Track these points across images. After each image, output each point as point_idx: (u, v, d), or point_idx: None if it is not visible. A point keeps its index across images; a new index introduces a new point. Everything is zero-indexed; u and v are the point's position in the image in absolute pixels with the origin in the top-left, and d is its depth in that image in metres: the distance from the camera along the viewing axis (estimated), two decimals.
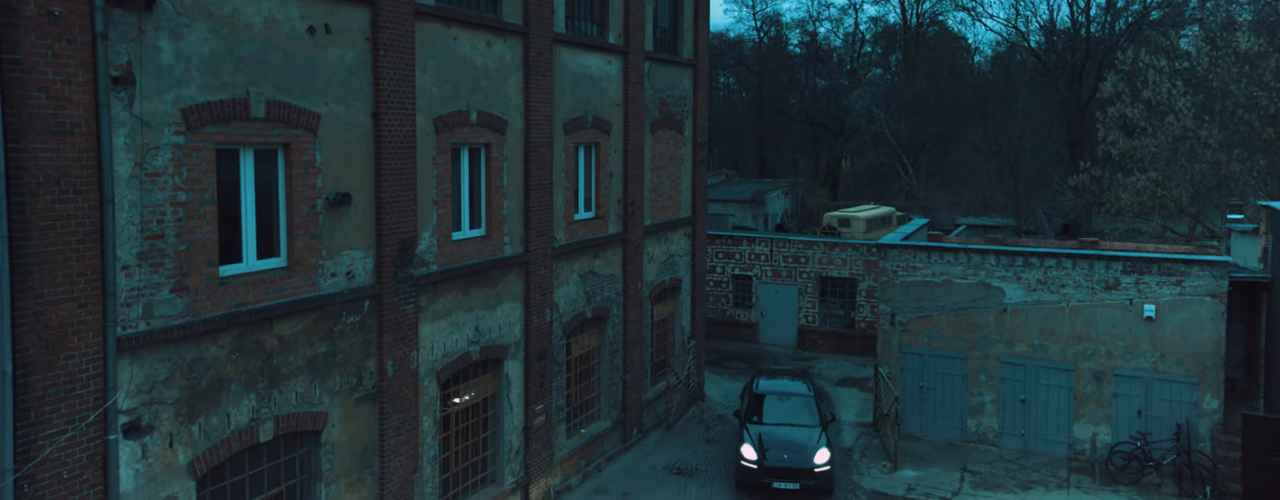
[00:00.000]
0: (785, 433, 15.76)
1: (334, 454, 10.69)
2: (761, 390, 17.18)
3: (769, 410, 16.53)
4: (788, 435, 15.67)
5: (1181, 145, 24.59)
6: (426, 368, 12.15)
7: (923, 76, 49.87)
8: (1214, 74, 24.33)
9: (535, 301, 14.33)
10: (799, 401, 16.74)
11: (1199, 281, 15.71)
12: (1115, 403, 16.53)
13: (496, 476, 14.05)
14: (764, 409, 16.56)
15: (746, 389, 18.19)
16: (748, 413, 16.58)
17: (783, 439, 15.52)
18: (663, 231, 19.02)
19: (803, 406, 16.64)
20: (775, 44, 60.85)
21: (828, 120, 55.88)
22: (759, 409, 16.58)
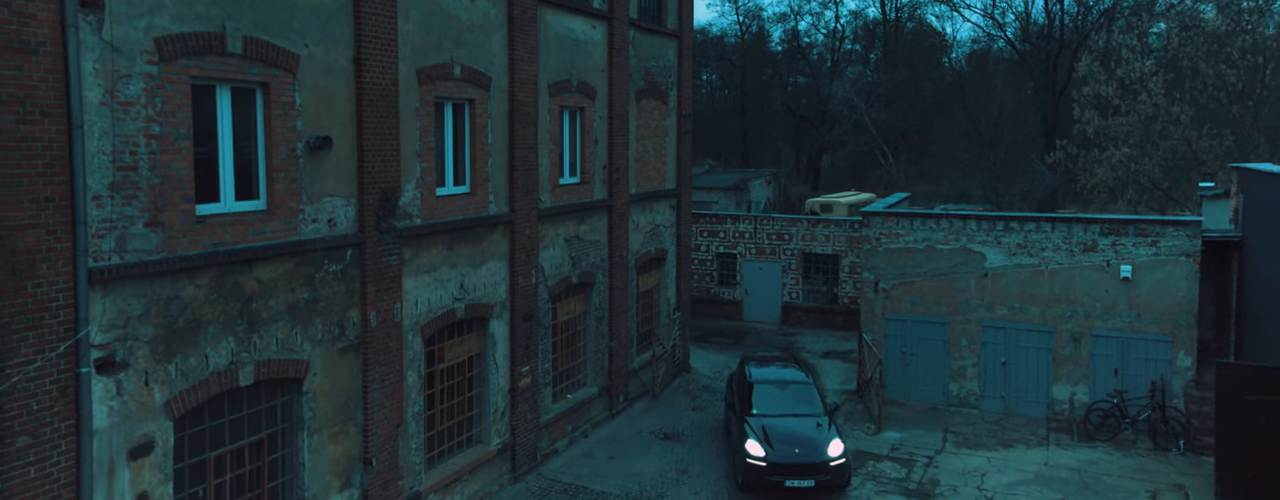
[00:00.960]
0: (790, 424, 14.03)
1: (316, 403, 10.32)
2: (755, 378, 15.28)
3: (766, 400, 14.72)
4: (794, 427, 13.96)
5: (1153, 124, 24.58)
6: (410, 322, 11.80)
7: (902, 67, 49.89)
8: (1183, 53, 24.32)
9: (520, 262, 14.00)
10: (798, 389, 15.08)
11: (1174, 241, 15.60)
12: (1093, 363, 16.40)
13: (482, 437, 13.71)
14: (761, 399, 14.75)
15: (735, 378, 16.19)
16: (742, 404, 14.78)
17: (789, 432, 13.80)
18: (648, 202, 18.73)
19: (803, 394, 14.98)
20: (758, 39, 60.72)
21: (809, 113, 55.82)
22: (754, 399, 14.75)
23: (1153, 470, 14.48)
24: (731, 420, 15.23)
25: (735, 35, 61.84)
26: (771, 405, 14.61)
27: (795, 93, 58.83)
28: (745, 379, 15.45)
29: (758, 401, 14.71)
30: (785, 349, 22.82)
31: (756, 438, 13.68)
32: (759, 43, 61.01)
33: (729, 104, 61.63)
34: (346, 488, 10.81)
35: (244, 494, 9.58)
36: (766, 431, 13.80)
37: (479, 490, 13.38)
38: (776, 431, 13.82)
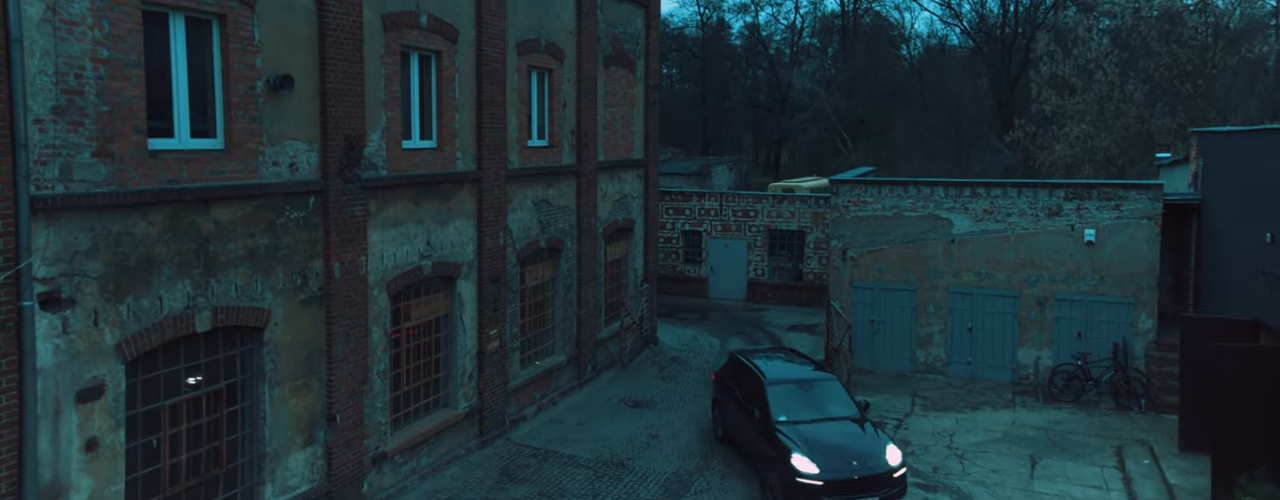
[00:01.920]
0: (830, 431, 11.75)
1: (278, 355, 9.86)
2: (771, 378, 12.78)
3: (791, 403, 12.30)
4: (836, 434, 11.68)
5: (1109, 102, 25.02)
6: (376, 276, 11.36)
7: (861, 57, 50.29)
8: (1136, 34, 24.78)
9: (488, 222, 13.62)
10: (824, 387, 12.77)
11: (1136, 204, 15.81)
12: (1057, 326, 16.57)
13: (450, 400, 13.32)
14: (784, 402, 12.28)
15: (729, 375, 13.87)
16: (761, 408, 12.27)
17: (834, 440, 11.51)
18: (616, 170, 18.45)
19: (831, 393, 12.68)
20: (718, 30, 60.71)
21: (769, 103, 55.99)
22: (775, 402, 12.25)
23: (1116, 428, 14.66)
24: (739, 425, 12.92)
25: (696, 25, 61.79)
26: (799, 409, 12.18)
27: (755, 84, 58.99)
28: (753, 377, 12.98)
29: (781, 405, 12.18)
30: (753, 326, 22.76)
31: (803, 450, 11.11)
32: (719, 34, 61.04)
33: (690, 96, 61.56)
34: (309, 444, 10.36)
35: (201, 446, 9.10)
36: (808, 442, 11.31)
37: (446, 453, 12.99)
38: (820, 441, 11.38)
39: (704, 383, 17.52)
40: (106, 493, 7.96)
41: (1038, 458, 13.38)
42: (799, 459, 11.12)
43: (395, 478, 11.92)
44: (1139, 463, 12.83)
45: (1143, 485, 12.05)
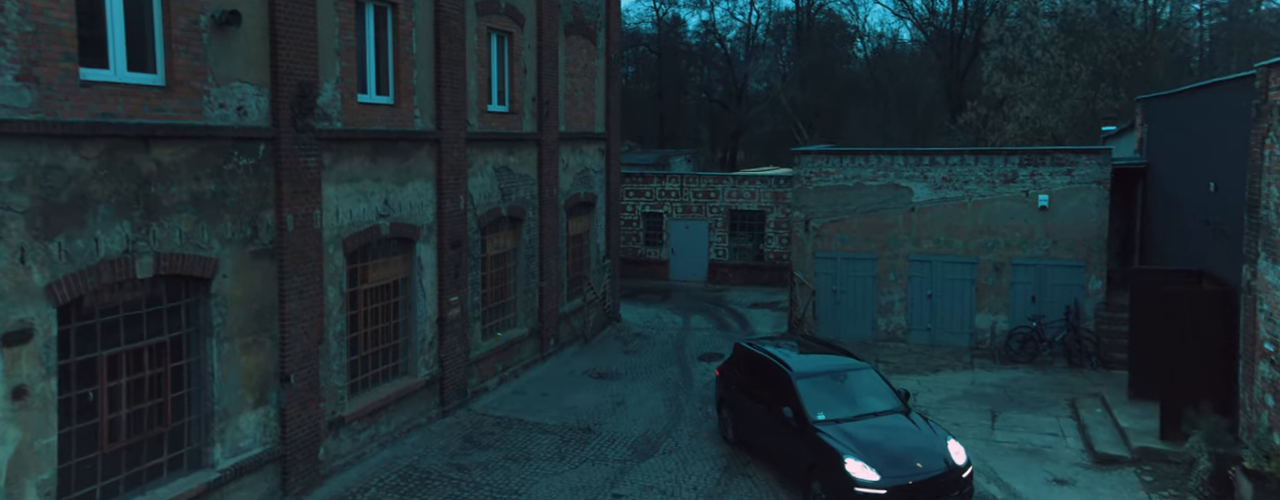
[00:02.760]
0: (881, 428, 10.03)
1: (227, 309, 9.23)
2: (798, 370, 10.86)
3: (826, 398, 10.45)
4: (889, 432, 9.98)
5: (1055, 87, 25.43)
6: (331, 233, 10.77)
7: (815, 50, 50.62)
8: (1080, 19, 25.22)
9: (448, 184, 13.09)
10: (860, 377, 10.96)
11: (1087, 169, 15.94)
12: (1013, 291, 16.62)
13: (410, 367, 12.75)
14: (818, 397, 10.43)
15: (740, 367, 11.97)
16: (793, 406, 10.38)
17: (890, 440, 9.78)
18: (577, 142, 18.03)
19: (868, 383, 10.88)
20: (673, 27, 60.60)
21: (726, 96, 56.04)
22: (807, 397, 10.40)
23: (1070, 383, 14.73)
24: (761, 427, 11.03)
25: (651, 21, 61.60)
26: (836, 404, 10.40)
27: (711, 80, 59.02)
28: (774, 369, 11.08)
29: (817, 401, 10.33)
30: (715, 305, 22.50)
31: (856, 453, 9.38)
32: (675, 29, 60.97)
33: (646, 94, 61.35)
34: (262, 404, 9.74)
35: (144, 401, 8.44)
36: (859, 443, 9.60)
37: (406, 422, 12.42)
38: (871, 441, 9.67)
39: (668, 356, 17.19)
40: (36, 446, 7.29)
41: (997, 411, 13.37)
42: (855, 465, 9.23)
43: (353, 444, 11.33)
44: (1092, 412, 12.89)
45: (1097, 430, 12.08)
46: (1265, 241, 9.59)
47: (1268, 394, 9.60)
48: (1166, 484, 10.34)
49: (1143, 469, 10.82)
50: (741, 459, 11.66)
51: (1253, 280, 9.95)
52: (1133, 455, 11.07)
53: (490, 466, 11.33)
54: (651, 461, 11.55)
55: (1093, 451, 11.46)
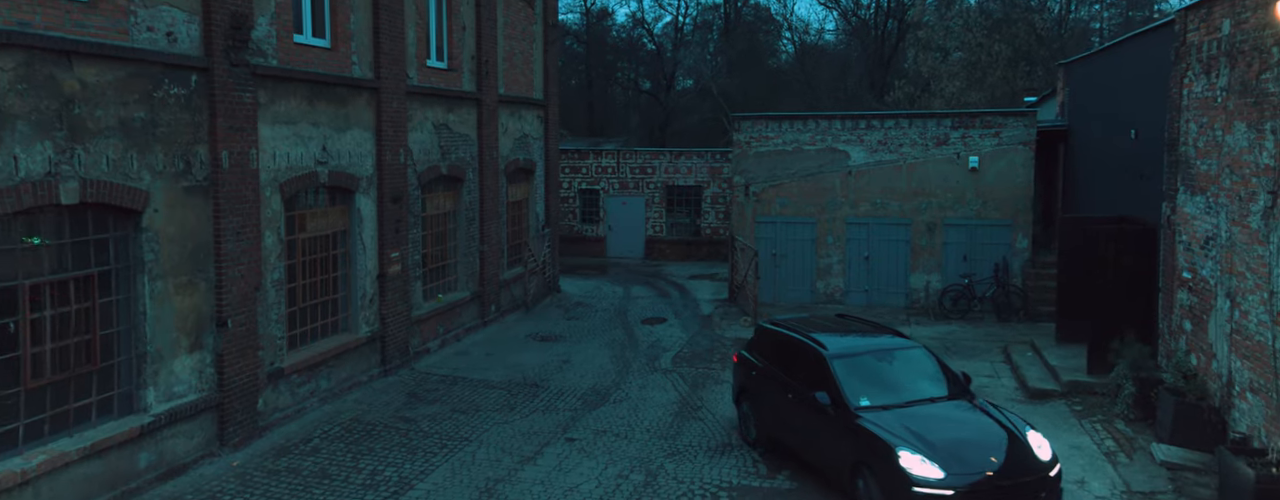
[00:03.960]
0: (942, 417, 8.22)
1: (159, 245, 8.78)
2: (833, 350, 8.96)
3: (868, 383, 8.61)
4: (952, 421, 8.17)
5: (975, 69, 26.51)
6: (268, 176, 10.37)
7: (742, 39, 51.37)
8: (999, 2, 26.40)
9: (388, 137, 12.78)
10: (909, 358, 9.11)
11: (1014, 131, 16.69)
12: (945, 251, 17.27)
13: (350, 323, 12.39)
14: (859, 379, 8.61)
15: (763, 350, 10.03)
16: (831, 391, 8.51)
17: (955, 431, 7.97)
18: (516, 107, 17.86)
19: (919, 365, 9.04)
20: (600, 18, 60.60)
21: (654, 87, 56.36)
22: (846, 380, 8.56)
23: (1001, 334, 15.41)
24: (792, 420, 9.08)
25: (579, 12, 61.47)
26: (882, 389, 8.59)
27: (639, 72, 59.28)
28: (805, 349, 9.19)
29: (857, 385, 8.52)
30: (654, 277, 22.61)
31: (911, 446, 7.61)
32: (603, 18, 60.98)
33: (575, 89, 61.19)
34: (197, 349, 9.30)
35: (70, 337, 7.94)
36: (915, 433, 7.80)
37: (347, 379, 12.07)
38: (931, 432, 7.84)
39: (612, 321, 17.20)
40: None
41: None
42: (910, 459, 7.44)
43: (293, 398, 10.94)
44: (1023, 355, 13.53)
45: (1028, 370, 12.68)
46: (1184, 176, 10.24)
47: (1186, 320, 10.25)
48: (1094, 412, 10.92)
49: (1072, 400, 11.41)
50: (695, 402, 11.76)
51: (1172, 215, 10.61)
52: (1063, 389, 11.65)
53: (438, 418, 11.11)
54: (603, 409, 11.54)
55: (1026, 388, 12.01)
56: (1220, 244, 9.27)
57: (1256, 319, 8.47)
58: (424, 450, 9.92)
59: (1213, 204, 9.45)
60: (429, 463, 9.55)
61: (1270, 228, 8.21)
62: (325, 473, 9.21)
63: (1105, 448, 9.69)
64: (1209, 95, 9.51)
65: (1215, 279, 9.41)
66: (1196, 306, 9.94)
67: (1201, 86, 9.70)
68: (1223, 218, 9.21)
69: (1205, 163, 9.65)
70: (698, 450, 9.95)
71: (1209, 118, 9.51)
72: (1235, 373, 8.91)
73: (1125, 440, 9.85)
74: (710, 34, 59.99)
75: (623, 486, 8.88)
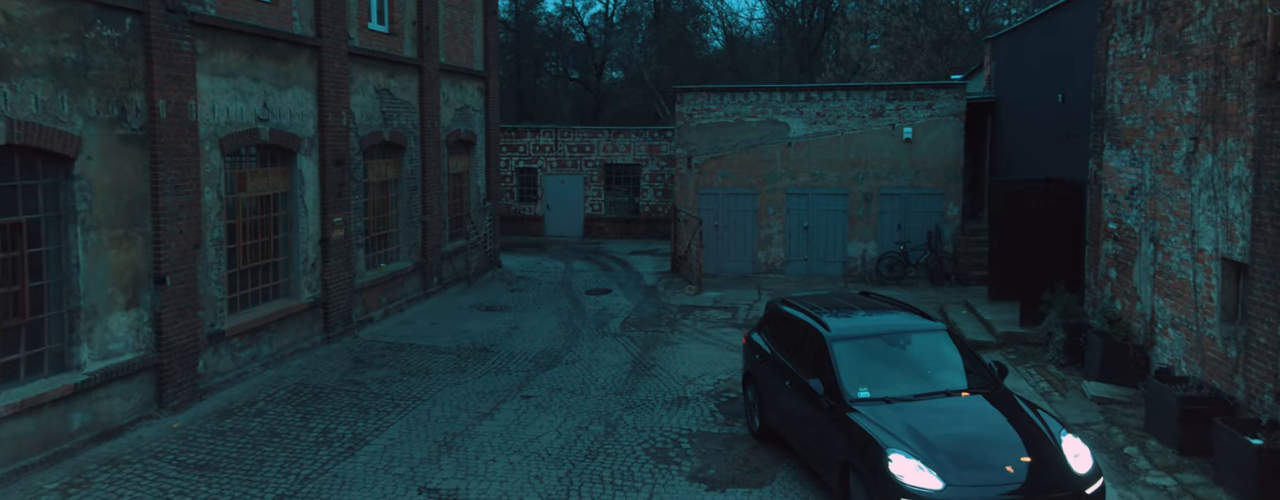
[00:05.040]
0: (955, 414, 6.84)
1: (92, 194, 8.31)
2: (836, 332, 7.68)
3: (872, 371, 7.32)
4: (967, 419, 6.79)
5: (902, 54, 27.37)
6: (208, 129, 9.93)
7: (672, 28, 51.60)
8: None
9: (329, 97, 12.38)
10: (929, 343, 7.72)
11: (945, 103, 17.31)
12: (881, 220, 17.80)
13: (292, 289, 11.99)
14: (859, 370, 7.30)
15: (772, 332, 8.76)
16: (825, 378, 7.27)
17: (967, 431, 6.59)
18: (457, 77, 17.54)
19: (941, 353, 7.63)
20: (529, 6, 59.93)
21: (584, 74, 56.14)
22: (844, 367, 7.29)
23: (936, 297, 15.97)
24: (790, 409, 7.79)
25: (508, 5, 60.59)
26: (888, 379, 7.25)
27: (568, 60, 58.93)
28: (809, 331, 7.92)
29: (858, 373, 7.25)
30: (594, 253, 22.59)
31: (904, 447, 6.28)
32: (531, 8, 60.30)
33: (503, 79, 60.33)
34: (134, 306, 8.85)
35: None
36: (914, 432, 6.46)
37: (289, 345, 11.68)
38: (935, 431, 6.47)
39: (556, 292, 17.12)
40: None
41: None
42: (903, 464, 6.09)
43: (233, 362, 10.53)
44: (959, 313, 14.09)
45: (965, 326, 13.22)
46: (1110, 133, 10.83)
47: (1111, 268, 10.87)
48: (1029, 359, 11.48)
49: (1007, 350, 11.95)
50: (647, 361, 11.84)
51: (1099, 171, 11.20)
52: (998, 340, 12.20)
53: (387, 381, 10.86)
54: (556, 370, 11.49)
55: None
56: (1144, 192, 9.85)
57: (1178, 258, 9.04)
58: (377, 409, 9.70)
59: (1137, 156, 10.02)
60: (383, 420, 9.34)
61: (1192, 172, 8.77)
62: (274, 432, 8.91)
63: (1041, 389, 10.19)
64: (1134, 53, 10.06)
65: (1140, 226, 9.99)
66: (1121, 254, 10.54)
67: (1127, 46, 10.26)
68: (1147, 168, 9.78)
69: (1130, 118, 10.22)
70: (655, 404, 10.02)
71: (1134, 74, 10.07)
72: (1158, 312, 9.51)
73: (1058, 381, 10.39)
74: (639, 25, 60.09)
75: (583, 437, 8.88)
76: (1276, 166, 7.29)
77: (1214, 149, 8.33)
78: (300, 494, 7.41)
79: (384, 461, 8.16)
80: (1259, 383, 7.55)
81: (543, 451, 8.45)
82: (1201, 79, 8.58)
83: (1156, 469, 7.76)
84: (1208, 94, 8.44)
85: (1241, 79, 7.89)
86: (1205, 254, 8.52)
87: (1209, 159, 8.42)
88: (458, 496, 7.40)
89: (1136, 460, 8.01)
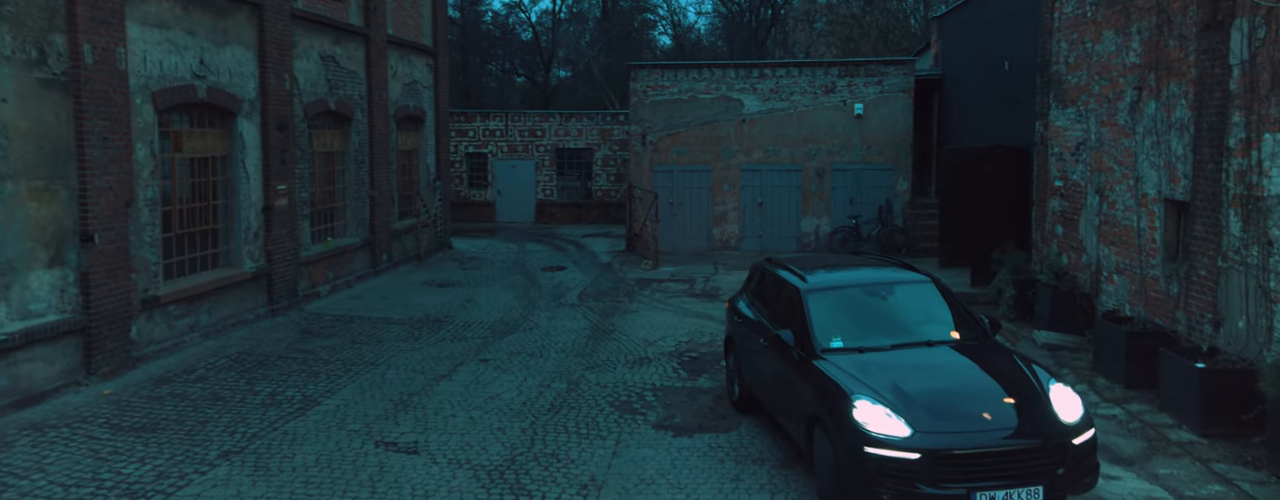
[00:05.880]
0: (934, 364, 6.31)
1: (9, 141, 7.65)
2: (813, 283, 7.14)
3: (848, 321, 6.78)
4: (947, 369, 6.26)
5: (850, 42, 27.70)
6: (139, 81, 9.29)
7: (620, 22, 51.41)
8: None
9: (272, 59, 11.78)
10: (914, 294, 7.14)
11: (895, 79, 17.43)
12: (833, 195, 17.83)
13: (234, 258, 11.35)
14: (832, 319, 6.75)
15: (755, 293, 8.16)
16: (797, 329, 6.71)
17: (945, 381, 6.08)
18: (406, 51, 16.99)
19: (927, 304, 7.02)
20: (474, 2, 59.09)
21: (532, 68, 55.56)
22: (816, 317, 6.75)
23: None
24: (765, 370, 7.22)
25: None
26: (864, 329, 6.70)
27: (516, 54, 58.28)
28: (787, 286, 7.33)
29: (831, 322, 6.71)
30: (547, 237, 22.18)
31: (871, 394, 5.74)
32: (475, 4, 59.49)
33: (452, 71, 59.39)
34: (58, 264, 8.19)
35: None
36: (884, 378, 5.93)
37: (231, 316, 11.05)
38: (905, 378, 5.95)
39: (511, 269, 16.69)
40: None
41: None
42: (869, 410, 5.59)
43: (170, 331, 9.88)
44: None
45: None
46: (1056, 93, 10.94)
47: (1058, 225, 10.99)
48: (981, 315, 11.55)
49: None
50: (607, 327, 11.54)
51: (1045, 131, 11.33)
52: None
53: (338, 349, 10.33)
54: (514, 336, 11.11)
55: None
56: (1089, 147, 9.97)
57: (1123, 206, 9.16)
58: (328, 374, 9.19)
59: (1083, 112, 10.13)
60: (334, 383, 8.84)
61: (1136, 120, 8.88)
62: (217, 396, 8.34)
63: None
64: (1079, 13, 10.18)
65: (1085, 180, 10.11)
66: (1067, 210, 10.66)
67: (1072, 6, 10.38)
68: (1092, 122, 9.90)
69: (1075, 76, 10.33)
70: (617, 363, 9.73)
71: (1079, 33, 10.19)
72: (1103, 260, 9.62)
73: (1009, 334, 10.42)
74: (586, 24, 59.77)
75: (545, 393, 8.53)
76: (1216, 105, 7.38)
77: (1157, 95, 8.44)
78: (248, 450, 6.91)
79: (337, 419, 7.69)
80: (1199, 313, 7.68)
81: (504, 407, 8.09)
82: (1145, 29, 8.69)
83: (1106, 402, 7.92)
84: (1151, 43, 8.55)
85: (1183, 24, 8.01)
86: (1149, 198, 8.63)
87: (1152, 106, 8.53)
88: (418, 449, 6.99)
89: (1087, 396, 8.10)
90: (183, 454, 6.81)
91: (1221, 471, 6.28)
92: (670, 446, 7.09)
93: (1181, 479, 6.22)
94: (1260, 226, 6.78)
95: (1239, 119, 7.03)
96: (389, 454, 6.86)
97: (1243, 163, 6.98)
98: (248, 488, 6.17)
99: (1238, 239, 7.10)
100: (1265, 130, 6.68)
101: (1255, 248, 6.85)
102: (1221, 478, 6.18)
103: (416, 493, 6.14)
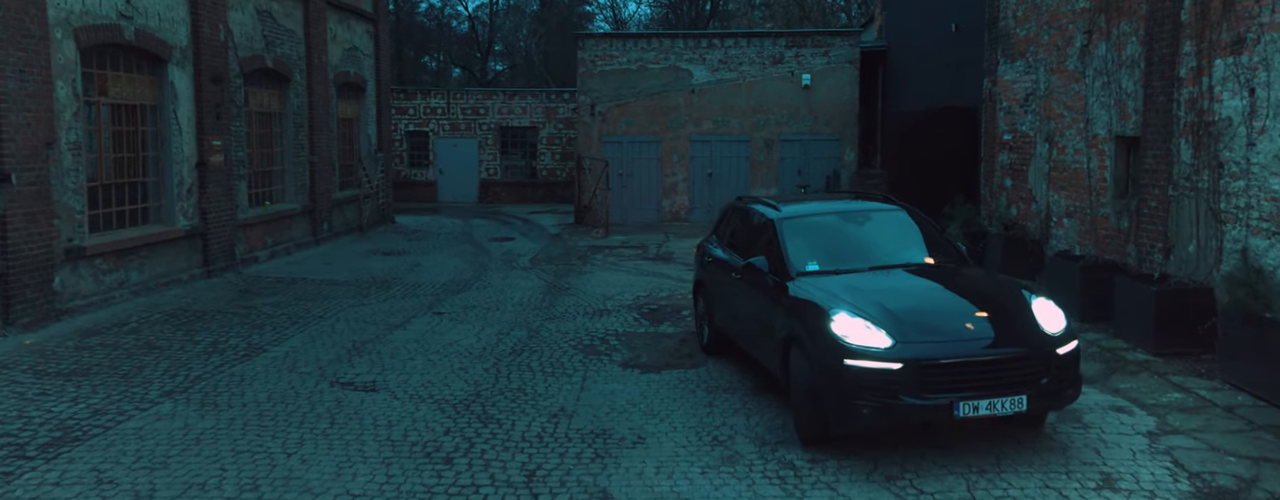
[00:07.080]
0: (912, 282, 6.16)
1: None
2: (787, 213, 6.90)
3: (823, 246, 6.55)
4: (928, 288, 6.06)
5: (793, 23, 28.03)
6: (59, 14, 8.62)
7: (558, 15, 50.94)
8: None
9: (205, 6, 11.13)
10: (886, 221, 6.93)
11: (841, 51, 17.60)
12: (782, 165, 17.93)
13: (166, 214, 10.69)
14: (807, 245, 6.52)
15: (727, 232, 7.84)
16: (772, 256, 6.48)
17: (924, 297, 5.91)
18: (345, 15, 16.35)
19: (899, 230, 6.84)
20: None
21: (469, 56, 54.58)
22: (791, 243, 6.51)
23: None
24: (738, 306, 7.02)
25: None
26: (840, 253, 6.50)
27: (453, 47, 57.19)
28: (761, 218, 7.09)
29: (806, 247, 6.49)
30: (493, 214, 21.70)
31: (850, 307, 5.51)
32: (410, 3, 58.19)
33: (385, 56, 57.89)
34: None
35: None
36: (861, 295, 5.71)
37: (163, 274, 10.40)
38: (884, 294, 5.76)
39: (458, 240, 16.25)
40: None
41: None
42: (848, 323, 5.35)
43: (97, 286, 9.22)
44: None
45: None
46: (1004, 48, 11.16)
47: (1006, 177, 11.22)
48: None
49: None
50: (562, 285, 11.28)
51: (993, 87, 11.55)
52: None
53: (282, 305, 9.81)
54: (468, 293, 10.75)
55: None
56: (1039, 96, 10.19)
57: (1073, 149, 9.38)
58: (273, 327, 8.69)
59: (1032, 62, 10.35)
60: (281, 334, 8.37)
61: (1086, 63, 9.09)
62: (153, 345, 7.79)
63: None
64: None
65: (1035, 130, 10.33)
66: (1016, 161, 10.89)
67: None
68: (1042, 72, 10.12)
69: (1024, 28, 10.55)
70: (576, 314, 9.49)
71: None
72: (1053, 205, 9.85)
73: None
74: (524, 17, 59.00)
75: (505, 340, 8.24)
76: (1167, 37, 7.59)
77: (1107, 36, 8.65)
78: (193, 389, 6.45)
79: (288, 363, 7.26)
80: (1150, 244, 7.90)
81: (464, 351, 7.77)
82: None
83: None
84: None
85: None
86: (1099, 138, 8.85)
87: (1103, 47, 8.74)
88: (376, 387, 6.63)
89: None
90: (120, 394, 6.31)
91: (1178, 382, 6.44)
92: (639, 381, 6.91)
93: (1142, 390, 6.35)
94: (1211, 151, 6.99)
95: (1190, 48, 7.23)
96: (346, 392, 6.50)
97: (1193, 90, 7.18)
98: (196, 420, 5.74)
99: (1188, 166, 7.31)
100: (1217, 56, 6.88)
101: (1206, 172, 7.06)
102: (1178, 387, 6.34)
103: (379, 422, 5.81)
